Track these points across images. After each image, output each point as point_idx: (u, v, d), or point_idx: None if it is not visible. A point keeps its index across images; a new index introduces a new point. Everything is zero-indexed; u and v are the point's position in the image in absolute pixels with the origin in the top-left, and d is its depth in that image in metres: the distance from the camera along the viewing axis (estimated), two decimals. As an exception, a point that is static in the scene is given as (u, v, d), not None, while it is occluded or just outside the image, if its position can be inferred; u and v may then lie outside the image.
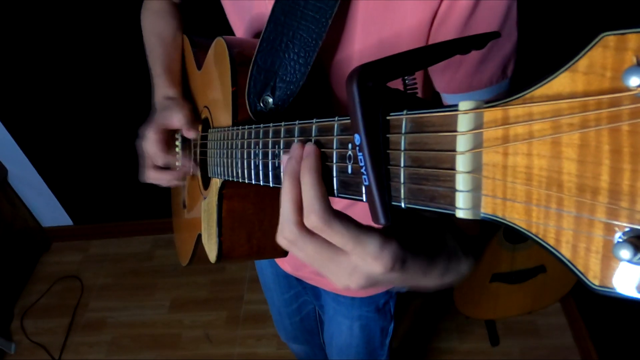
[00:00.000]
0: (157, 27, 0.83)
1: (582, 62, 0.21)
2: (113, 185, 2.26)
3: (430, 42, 0.54)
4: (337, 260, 0.35)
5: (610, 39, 0.19)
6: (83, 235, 2.46)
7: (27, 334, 2.08)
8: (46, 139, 2.09)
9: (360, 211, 0.58)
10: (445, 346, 1.85)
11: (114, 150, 2.09)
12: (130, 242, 2.44)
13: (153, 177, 0.76)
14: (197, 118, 0.78)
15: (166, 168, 0.77)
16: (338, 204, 0.60)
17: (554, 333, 1.83)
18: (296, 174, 0.37)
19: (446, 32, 0.52)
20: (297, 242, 0.36)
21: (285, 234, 0.37)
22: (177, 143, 0.82)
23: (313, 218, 0.34)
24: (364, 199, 0.33)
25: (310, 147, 0.37)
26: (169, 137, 0.75)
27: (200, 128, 0.76)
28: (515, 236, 1.50)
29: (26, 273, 2.33)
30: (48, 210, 2.37)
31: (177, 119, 0.73)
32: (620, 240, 0.20)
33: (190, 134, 0.73)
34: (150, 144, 0.73)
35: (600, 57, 0.20)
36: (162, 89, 0.78)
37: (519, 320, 1.85)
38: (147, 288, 2.21)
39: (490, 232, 1.47)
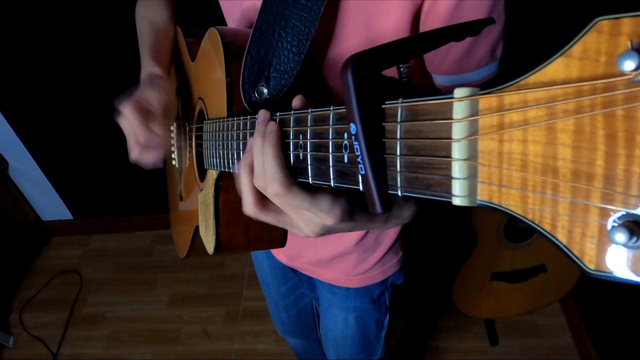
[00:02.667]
0: (148, 14, 0.83)
1: (577, 48, 0.20)
2: (113, 180, 2.26)
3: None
4: (297, 213, 0.43)
5: (604, 23, 0.19)
6: (83, 230, 2.47)
7: (25, 327, 2.08)
8: (47, 133, 2.09)
9: None
10: (444, 345, 1.85)
11: (114, 145, 2.09)
12: (130, 237, 2.44)
13: (136, 155, 0.70)
14: (188, 108, 0.77)
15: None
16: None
17: (554, 333, 1.83)
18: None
19: (433, 22, 0.53)
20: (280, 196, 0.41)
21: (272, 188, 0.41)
22: (173, 135, 0.82)
23: (276, 185, 0.40)
24: (361, 188, 0.33)
25: (272, 125, 0.42)
26: (147, 114, 0.69)
27: (195, 120, 0.76)
28: (515, 235, 1.49)
29: (26, 266, 2.34)
30: (48, 204, 2.38)
31: (155, 99, 0.68)
32: (616, 224, 0.20)
33: (157, 128, 0.67)
34: (127, 122, 0.68)
35: (594, 42, 0.20)
36: (148, 67, 0.74)
37: (518, 319, 1.85)
38: (147, 283, 2.22)
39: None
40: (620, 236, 0.19)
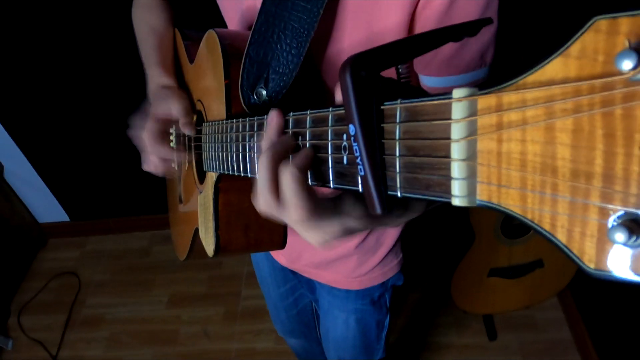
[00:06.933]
0: (148, 19, 0.82)
1: (575, 47, 0.20)
2: (110, 181, 2.26)
3: (413, 33, 0.55)
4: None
5: (602, 23, 0.19)
6: (80, 232, 2.46)
7: (24, 330, 2.08)
8: (42, 135, 2.08)
9: None
10: (443, 341, 1.86)
11: (110, 146, 2.08)
12: (128, 238, 2.43)
13: (153, 166, 0.74)
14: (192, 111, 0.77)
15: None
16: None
17: (552, 327, 1.84)
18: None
19: (425, 20, 0.52)
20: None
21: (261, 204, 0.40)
22: (172, 138, 0.82)
23: (299, 212, 0.37)
24: (360, 189, 0.33)
25: (305, 151, 0.39)
26: (165, 128, 0.73)
27: (194, 122, 0.75)
28: (512, 231, 1.50)
29: (23, 269, 2.32)
30: (44, 206, 2.37)
31: (175, 109, 0.70)
32: (615, 223, 0.20)
33: (187, 129, 0.71)
34: (148, 136, 0.71)
35: (592, 41, 0.20)
36: (158, 78, 0.76)
37: (516, 314, 1.86)
38: (145, 284, 2.21)
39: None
40: (620, 235, 0.19)
